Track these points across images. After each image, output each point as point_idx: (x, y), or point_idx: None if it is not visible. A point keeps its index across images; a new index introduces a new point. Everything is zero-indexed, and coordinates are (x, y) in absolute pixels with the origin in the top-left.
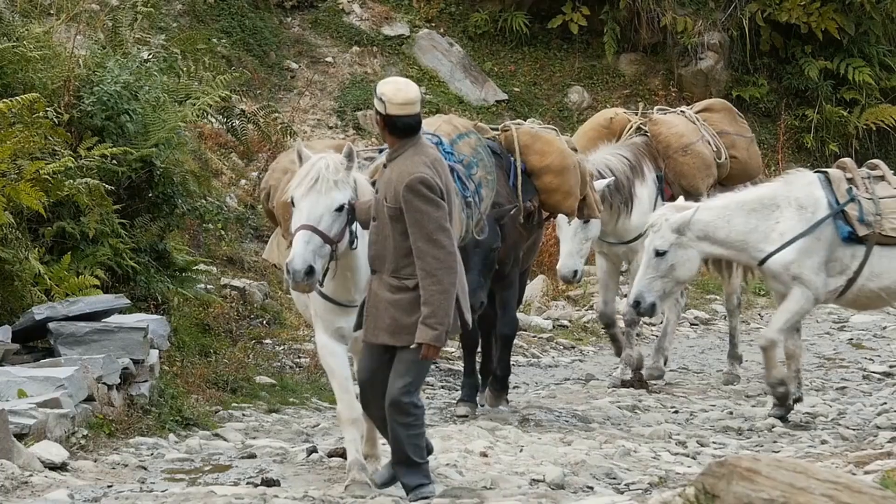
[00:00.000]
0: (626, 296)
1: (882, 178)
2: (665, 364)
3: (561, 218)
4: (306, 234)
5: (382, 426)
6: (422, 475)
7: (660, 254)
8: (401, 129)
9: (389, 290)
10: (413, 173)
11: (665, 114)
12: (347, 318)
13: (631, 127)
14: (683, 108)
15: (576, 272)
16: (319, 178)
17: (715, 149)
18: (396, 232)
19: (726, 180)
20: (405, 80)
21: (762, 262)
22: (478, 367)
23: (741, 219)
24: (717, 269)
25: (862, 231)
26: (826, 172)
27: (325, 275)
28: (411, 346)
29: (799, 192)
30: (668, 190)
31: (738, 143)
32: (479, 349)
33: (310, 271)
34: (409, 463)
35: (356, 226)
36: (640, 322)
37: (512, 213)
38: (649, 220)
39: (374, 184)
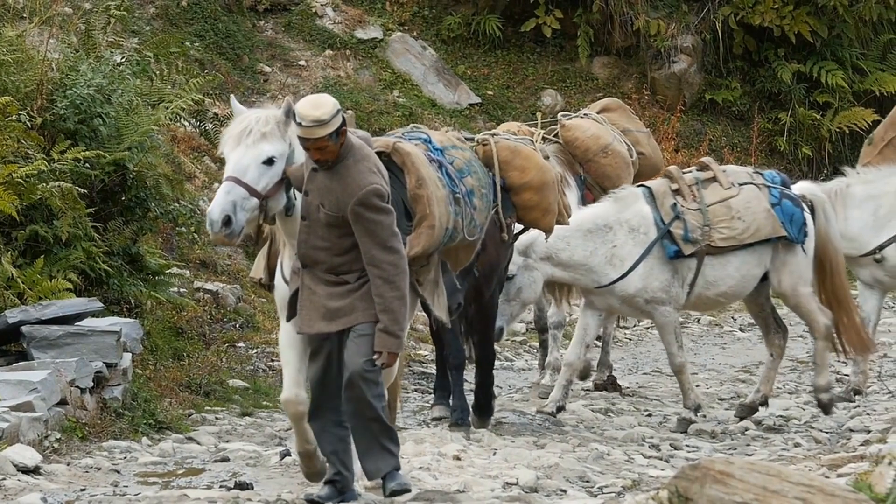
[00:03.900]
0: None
1: (713, 179)
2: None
3: None
4: (228, 185)
5: (328, 436)
6: (395, 459)
7: (508, 278)
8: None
9: (325, 283)
10: (364, 186)
11: (569, 119)
12: None
13: (537, 137)
14: (585, 110)
15: None
16: (247, 130)
17: (627, 147)
18: (334, 235)
19: (635, 178)
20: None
21: (607, 286)
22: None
23: (579, 241)
24: (552, 291)
25: (688, 250)
26: (650, 188)
27: (260, 236)
28: (363, 331)
29: (629, 213)
30: (589, 195)
31: (641, 139)
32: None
33: (227, 221)
34: (387, 431)
35: (294, 192)
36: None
37: (493, 212)
38: None
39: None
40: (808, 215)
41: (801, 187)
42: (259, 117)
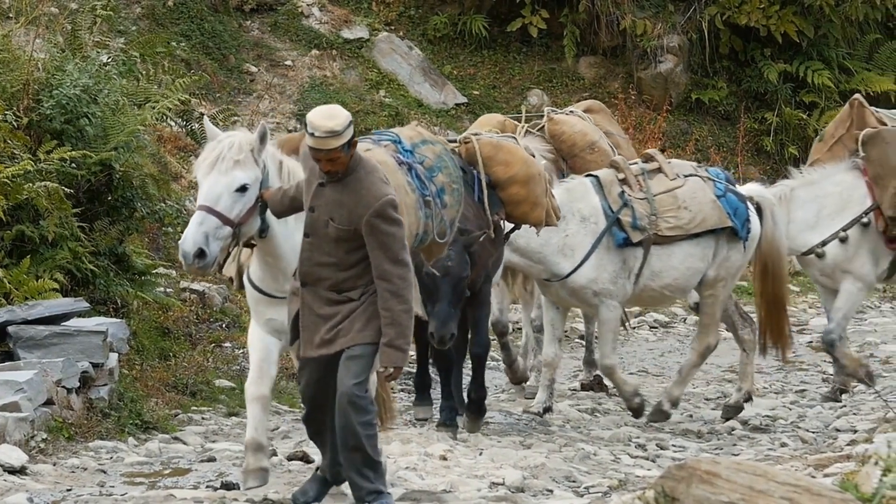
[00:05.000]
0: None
1: (659, 170)
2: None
3: None
4: (200, 214)
5: (323, 437)
6: (381, 481)
7: None
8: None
9: (327, 303)
10: (380, 197)
11: (556, 114)
12: (277, 309)
13: (521, 130)
14: (572, 107)
15: None
16: (220, 157)
17: (611, 148)
18: (342, 250)
19: None
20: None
21: (562, 278)
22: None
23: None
24: (504, 277)
25: (636, 237)
26: (597, 177)
27: (226, 258)
28: (358, 352)
29: (580, 203)
30: None
31: (621, 143)
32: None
33: (200, 254)
34: (369, 462)
35: (268, 214)
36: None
37: (481, 238)
38: None
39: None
40: (752, 213)
41: (749, 189)
42: (232, 143)
